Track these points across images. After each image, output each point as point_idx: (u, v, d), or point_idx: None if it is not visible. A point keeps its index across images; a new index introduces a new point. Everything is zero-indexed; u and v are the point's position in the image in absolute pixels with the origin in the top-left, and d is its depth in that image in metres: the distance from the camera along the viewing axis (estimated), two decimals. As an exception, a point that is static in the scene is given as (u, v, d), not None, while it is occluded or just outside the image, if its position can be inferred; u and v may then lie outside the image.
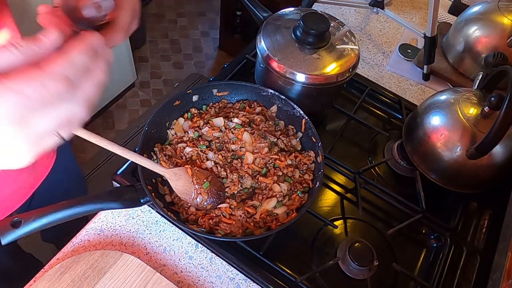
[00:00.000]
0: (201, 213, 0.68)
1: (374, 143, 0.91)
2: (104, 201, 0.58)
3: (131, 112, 2.15)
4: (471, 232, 0.80)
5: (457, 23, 1.02)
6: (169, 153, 0.72)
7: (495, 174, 0.77)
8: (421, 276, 0.74)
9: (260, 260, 0.69)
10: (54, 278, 0.62)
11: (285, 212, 0.69)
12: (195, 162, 0.71)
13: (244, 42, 2.36)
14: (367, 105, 0.98)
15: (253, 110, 0.80)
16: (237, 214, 0.67)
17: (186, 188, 0.66)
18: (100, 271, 0.63)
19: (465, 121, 0.74)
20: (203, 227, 0.66)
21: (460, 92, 0.79)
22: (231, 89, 0.81)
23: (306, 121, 0.77)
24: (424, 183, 0.80)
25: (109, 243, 0.69)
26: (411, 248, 0.78)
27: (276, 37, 0.79)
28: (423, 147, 0.78)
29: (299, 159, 0.74)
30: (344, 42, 0.80)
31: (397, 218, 0.79)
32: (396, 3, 1.28)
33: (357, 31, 1.16)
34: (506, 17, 0.92)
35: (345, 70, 0.77)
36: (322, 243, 0.75)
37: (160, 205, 0.65)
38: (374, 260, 0.68)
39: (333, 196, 0.82)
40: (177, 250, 0.70)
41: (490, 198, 0.83)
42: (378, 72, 1.06)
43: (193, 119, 0.78)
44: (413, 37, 1.15)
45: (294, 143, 0.78)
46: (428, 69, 1.03)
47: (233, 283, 0.68)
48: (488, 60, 0.90)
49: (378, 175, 0.87)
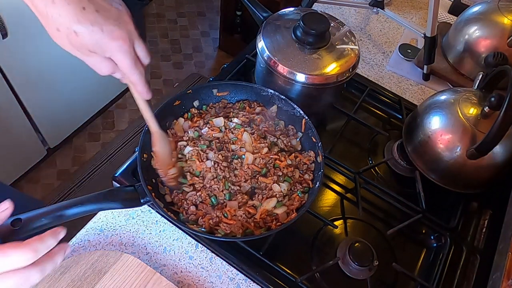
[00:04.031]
0: (201, 213, 0.68)
1: (374, 143, 0.91)
2: (104, 201, 0.58)
3: (131, 112, 2.15)
4: (471, 232, 0.80)
5: (457, 23, 1.02)
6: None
7: (495, 174, 0.77)
8: (421, 276, 0.74)
9: (260, 260, 0.69)
10: (54, 278, 0.62)
11: (285, 212, 0.68)
12: (194, 162, 0.71)
13: (244, 42, 2.36)
14: (367, 105, 0.98)
15: (253, 110, 0.80)
16: (237, 214, 0.67)
17: (166, 156, 0.68)
18: (100, 271, 0.63)
19: (465, 121, 0.74)
20: (203, 227, 0.66)
21: (460, 92, 0.79)
22: (231, 89, 0.81)
23: (306, 121, 0.77)
24: (424, 183, 0.80)
25: (109, 243, 0.69)
26: (411, 248, 0.78)
27: (276, 37, 0.79)
28: (423, 147, 0.78)
29: (299, 159, 0.74)
30: (344, 42, 0.80)
31: (397, 218, 0.79)
32: (396, 3, 1.28)
33: (357, 31, 1.16)
34: (506, 17, 0.92)
35: (345, 70, 0.77)
36: (322, 243, 0.75)
37: (160, 205, 0.65)
38: (374, 260, 0.68)
39: (333, 196, 0.82)
40: (177, 250, 0.70)
41: (490, 198, 0.83)
42: (378, 72, 1.06)
43: (193, 119, 0.78)
44: (413, 37, 1.15)
45: (294, 143, 0.78)
46: (428, 69, 1.03)
47: (233, 283, 0.68)
48: (488, 60, 0.90)
49: (378, 175, 0.87)
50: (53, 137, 1.82)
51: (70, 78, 1.70)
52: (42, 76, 1.57)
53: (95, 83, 1.86)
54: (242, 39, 2.40)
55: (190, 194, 0.69)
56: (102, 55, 0.50)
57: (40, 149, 1.79)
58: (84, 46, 0.48)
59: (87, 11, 0.46)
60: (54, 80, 1.63)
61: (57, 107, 1.73)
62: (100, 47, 0.48)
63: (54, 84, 1.64)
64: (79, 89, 1.79)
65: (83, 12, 0.46)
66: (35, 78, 1.54)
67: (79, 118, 1.94)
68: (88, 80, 1.80)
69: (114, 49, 0.49)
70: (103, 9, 0.47)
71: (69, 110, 1.82)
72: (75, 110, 1.86)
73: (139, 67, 0.53)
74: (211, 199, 0.68)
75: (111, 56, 0.50)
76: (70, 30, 0.46)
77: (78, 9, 0.45)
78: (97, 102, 2.00)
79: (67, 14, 0.45)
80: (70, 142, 1.96)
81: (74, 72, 1.70)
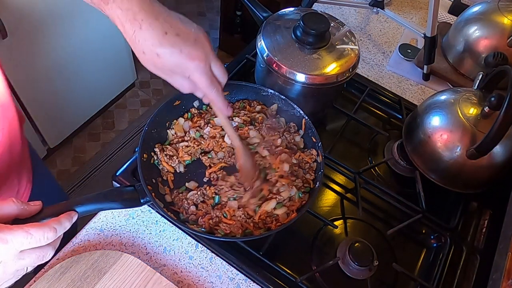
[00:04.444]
0: (201, 213, 0.68)
1: (374, 143, 0.91)
2: (104, 201, 0.58)
3: (131, 112, 2.15)
4: (471, 232, 0.80)
5: (457, 23, 1.02)
6: (170, 153, 0.73)
7: (495, 174, 0.77)
8: (421, 276, 0.74)
9: (260, 260, 0.69)
10: (54, 278, 0.62)
11: (285, 212, 0.68)
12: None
13: (244, 42, 2.36)
14: (367, 105, 0.98)
15: (253, 109, 0.80)
16: (237, 215, 0.67)
17: (250, 169, 0.70)
18: (100, 271, 0.63)
19: (465, 121, 0.74)
20: (203, 227, 0.66)
21: (460, 92, 0.79)
22: (231, 89, 0.81)
23: (306, 121, 0.77)
24: (424, 183, 0.80)
25: (109, 243, 0.69)
26: (411, 248, 0.78)
27: (276, 37, 0.79)
28: (423, 147, 0.78)
29: (301, 158, 0.74)
30: (344, 42, 0.80)
31: (397, 218, 0.79)
32: (396, 3, 1.28)
33: (357, 31, 1.16)
34: (506, 17, 0.92)
35: (345, 70, 0.77)
36: (322, 243, 0.75)
37: (160, 205, 0.65)
38: (374, 260, 0.68)
39: (333, 196, 0.82)
40: (177, 250, 0.70)
41: (490, 198, 0.83)
42: (378, 72, 1.06)
43: (193, 119, 0.78)
44: (413, 37, 1.15)
45: (297, 140, 0.78)
46: (428, 69, 1.03)
47: (233, 283, 0.68)
48: (488, 60, 0.90)
49: (378, 175, 0.87)
50: (53, 137, 1.82)
51: (70, 78, 1.70)
52: (42, 76, 1.57)
53: (95, 83, 1.86)
54: (242, 39, 2.40)
55: (191, 194, 0.69)
56: (182, 75, 0.55)
57: (40, 149, 1.79)
58: (166, 67, 0.53)
59: (168, 35, 0.51)
60: (54, 80, 1.63)
61: (57, 107, 1.74)
62: (179, 67, 0.54)
63: (54, 84, 1.64)
64: (79, 89, 1.79)
65: (165, 36, 0.51)
66: (35, 78, 1.54)
67: (79, 118, 1.94)
68: (88, 80, 1.80)
69: (192, 69, 0.54)
70: (183, 33, 0.52)
71: (69, 110, 1.82)
72: (75, 110, 1.86)
73: (216, 85, 0.58)
74: (215, 199, 0.68)
75: (190, 75, 0.55)
76: (153, 52, 0.52)
77: (161, 34, 0.51)
78: (97, 102, 2.00)
79: (151, 38, 0.51)
80: (70, 142, 1.96)
81: (74, 72, 1.70)
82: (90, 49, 1.69)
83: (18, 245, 0.44)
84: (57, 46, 1.55)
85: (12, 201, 0.47)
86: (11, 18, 1.29)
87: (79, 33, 1.60)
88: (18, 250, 0.44)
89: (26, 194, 0.80)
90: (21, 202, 0.48)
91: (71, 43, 1.59)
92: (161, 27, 0.51)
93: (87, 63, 1.74)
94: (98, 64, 1.80)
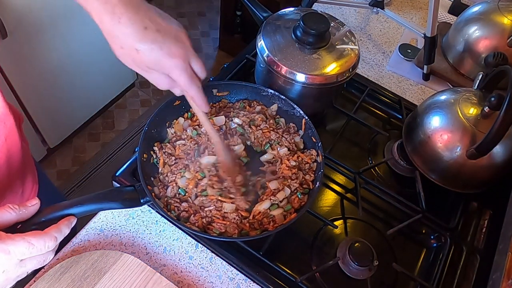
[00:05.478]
0: (192, 211, 0.67)
1: (374, 143, 0.91)
2: (104, 201, 0.58)
3: (131, 112, 2.15)
4: (471, 232, 0.80)
5: (457, 23, 1.02)
6: (169, 151, 0.73)
7: (495, 174, 0.77)
8: (421, 276, 0.74)
9: (260, 260, 0.69)
10: (54, 278, 0.62)
11: (281, 214, 0.68)
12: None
13: (244, 42, 2.36)
14: (367, 105, 0.98)
15: (253, 109, 0.80)
16: (230, 217, 0.67)
17: (230, 164, 0.70)
18: (100, 271, 0.63)
19: (465, 121, 0.74)
20: (195, 225, 0.66)
21: (460, 92, 0.79)
22: (231, 89, 0.81)
23: (306, 121, 0.77)
24: (424, 183, 0.80)
25: (109, 243, 0.69)
26: (411, 248, 0.78)
27: (276, 37, 0.79)
28: (423, 147, 0.78)
29: (301, 159, 0.74)
30: (344, 42, 0.80)
31: (397, 218, 0.79)
32: (396, 3, 1.28)
33: (357, 31, 1.16)
34: (506, 17, 0.92)
35: (345, 70, 0.77)
36: (322, 243, 0.75)
37: (160, 205, 0.65)
38: (374, 260, 0.68)
39: (333, 196, 0.82)
40: (177, 250, 0.70)
41: (490, 198, 0.83)
42: (378, 72, 1.06)
43: (193, 118, 0.78)
44: (413, 37, 1.15)
45: (297, 140, 0.78)
46: (428, 69, 1.03)
47: (233, 283, 0.68)
48: (488, 60, 0.90)
49: (378, 175, 0.87)
50: (53, 137, 1.82)
51: (70, 78, 1.70)
52: (42, 76, 1.57)
53: (95, 83, 1.86)
54: (242, 39, 2.40)
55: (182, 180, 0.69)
56: (161, 71, 0.54)
57: (40, 149, 1.79)
58: (144, 63, 0.52)
59: (148, 31, 0.50)
60: (54, 80, 1.63)
61: (57, 107, 1.73)
62: (158, 64, 0.53)
63: (54, 84, 1.64)
64: (79, 89, 1.78)
65: (145, 32, 0.50)
66: (35, 78, 1.54)
67: (79, 118, 1.93)
68: (88, 80, 1.80)
69: (172, 67, 0.53)
70: (163, 29, 0.52)
71: (69, 110, 1.82)
72: (75, 110, 1.86)
73: (196, 81, 0.57)
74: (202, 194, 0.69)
75: (169, 73, 0.54)
76: (132, 48, 0.51)
77: (140, 29, 0.50)
78: (97, 102, 1.99)
79: (131, 33, 0.50)
80: (70, 142, 1.96)
81: (74, 72, 1.70)
82: (90, 49, 1.69)
83: (19, 255, 0.44)
84: (57, 46, 1.55)
85: (9, 207, 0.47)
86: (11, 18, 1.29)
87: (79, 33, 1.60)
88: (20, 259, 0.45)
89: (33, 194, 0.80)
90: (18, 207, 0.48)
91: (71, 43, 1.59)
92: (141, 22, 0.50)
93: (87, 63, 1.74)
94: (98, 64, 1.80)
